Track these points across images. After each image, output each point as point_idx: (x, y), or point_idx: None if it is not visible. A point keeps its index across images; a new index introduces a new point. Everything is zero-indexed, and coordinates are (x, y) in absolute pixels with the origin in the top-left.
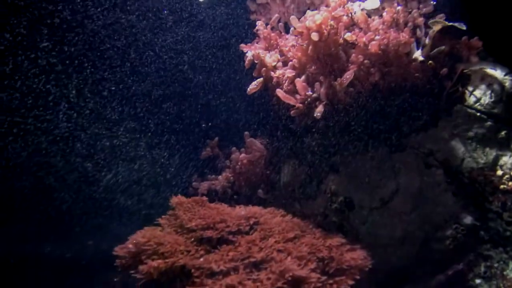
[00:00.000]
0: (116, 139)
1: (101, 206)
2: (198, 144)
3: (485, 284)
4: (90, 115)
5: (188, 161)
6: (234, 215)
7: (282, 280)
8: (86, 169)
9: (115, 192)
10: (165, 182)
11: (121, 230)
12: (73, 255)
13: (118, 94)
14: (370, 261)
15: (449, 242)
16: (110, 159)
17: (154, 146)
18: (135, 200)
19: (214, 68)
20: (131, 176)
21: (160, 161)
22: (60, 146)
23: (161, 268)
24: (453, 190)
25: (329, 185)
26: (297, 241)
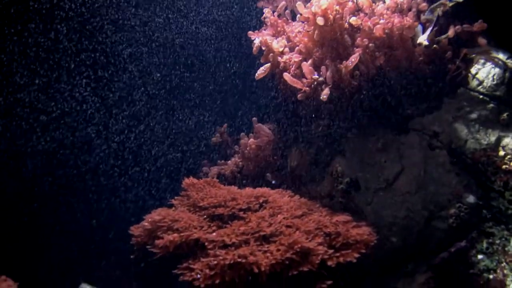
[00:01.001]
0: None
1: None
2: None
3: (487, 260)
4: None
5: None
6: (244, 194)
7: (291, 251)
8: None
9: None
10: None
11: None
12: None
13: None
14: (375, 236)
15: (452, 220)
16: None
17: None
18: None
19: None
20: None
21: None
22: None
23: (177, 242)
24: (457, 170)
25: (335, 167)
26: (305, 217)
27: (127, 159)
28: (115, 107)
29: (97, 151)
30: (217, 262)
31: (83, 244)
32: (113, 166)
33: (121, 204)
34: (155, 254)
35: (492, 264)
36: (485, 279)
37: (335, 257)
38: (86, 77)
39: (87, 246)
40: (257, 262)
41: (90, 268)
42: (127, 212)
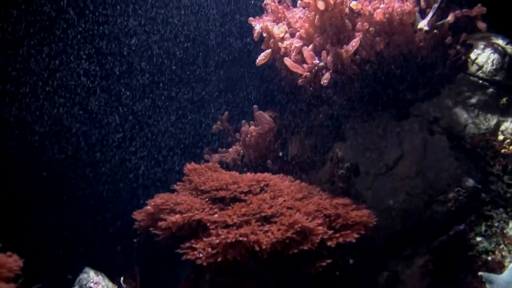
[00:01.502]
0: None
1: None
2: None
3: (486, 242)
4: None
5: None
6: (245, 178)
7: (292, 231)
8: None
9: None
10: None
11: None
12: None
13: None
14: (374, 218)
15: (451, 204)
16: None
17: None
18: None
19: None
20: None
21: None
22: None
23: (179, 223)
24: (456, 155)
25: (335, 152)
26: (305, 200)
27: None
28: (119, 81)
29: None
30: (219, 241)
31: (86, 231)
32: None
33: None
34: (158, 237)
35: (491, 246)
36: (484, 260)
37: (334, 237)
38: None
39: (91, 232)
40: (258, 241)
41: (94, 254)
42: (132, 197)
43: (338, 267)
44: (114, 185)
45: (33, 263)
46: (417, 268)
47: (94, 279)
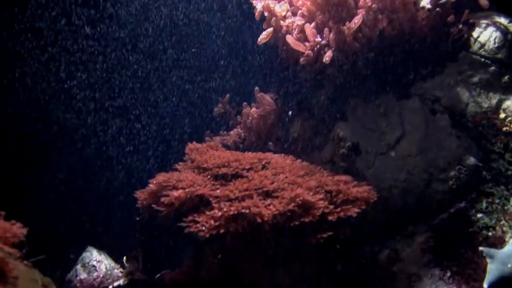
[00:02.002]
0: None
1: None
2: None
3: (486, 218)
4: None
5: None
6: (247, 156)
7: (293, 204)
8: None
9: None
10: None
11: None
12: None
13: None
14: (375, 194)
15: (452, 182)
16: None
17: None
18: None
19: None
20: None
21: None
22: None
23: (182, 198)
24: (458, 134)
25: (337, 132)
26: (306, 177)
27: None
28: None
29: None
30: (221, 213)
31: (90, 212)
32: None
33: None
34: (161, 213)
35: (491, 222)
36: (484, 236)
37: (335, 212)
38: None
39: (94, 213)
40: (260, 213)
41: (96, 236)
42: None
43: (339, 241)
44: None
45: (35, 241)
46: (418, 245)
47: (97, 258)
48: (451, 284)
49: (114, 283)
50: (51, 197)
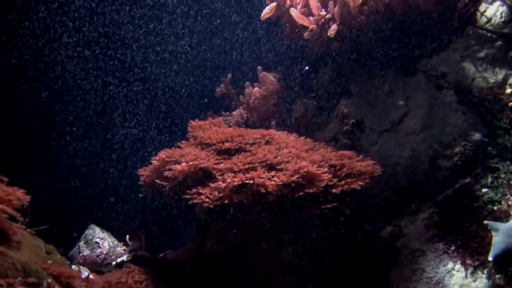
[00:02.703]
0: None
1: None
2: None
3: (492, 192)
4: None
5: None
6: (250, 132)
7: (297, 175)
8: None
9: None
10: None
11: None
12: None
13: None
14: (379, 169)
15: (457, 158)
16: None
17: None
18: None
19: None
20: None
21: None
22: None
23: (185, 171)
24: (463, 110)
25: (341, 108)
26: (310, 152)
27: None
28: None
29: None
30: (225, 185)
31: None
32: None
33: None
34: (164, 189)
35: (497, 196)
36: (489, 210)
37: (339, 185)
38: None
39: (98, 194)
40: (264, 184)
41: (99, 216)
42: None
43: (342, 214)
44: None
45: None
46: (421, 221)
47: (100, 235)
48: (455, 258)
49: (117, 259)
50: (54, 176)
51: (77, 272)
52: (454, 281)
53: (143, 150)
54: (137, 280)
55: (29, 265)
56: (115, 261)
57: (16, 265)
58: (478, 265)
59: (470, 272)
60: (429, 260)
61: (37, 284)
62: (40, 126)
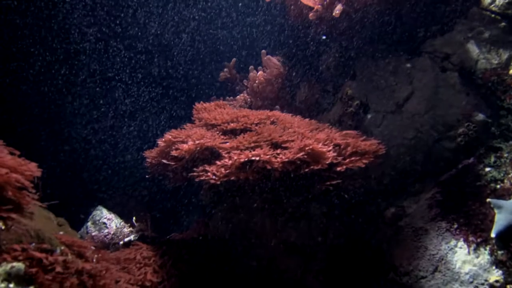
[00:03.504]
0: None
1: None
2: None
3: (495, 171)
4: None
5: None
6: (255, 113)
7: (303, 152)
8: None
9: None
10: None
11: None
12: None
13: None
14: (384, 148)
15: (460, 139)
16: None
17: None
18: None
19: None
20: None
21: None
22: None
23: (192, 150)
24: (467, 91)
25: (345, 90)
26: (315, 131)
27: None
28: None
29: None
30: (232, 162)
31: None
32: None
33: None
34: (170, 167)
35: (500, 175)
36: (492, 188)
37: (344, 163)
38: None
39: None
40: (270, 160)
41: (105, 199)
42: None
43: (346, 191)
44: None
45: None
46: (424, 201)
47: (107, 216)
48: (458, 235)
49: (124, 238)
50: (59, 159)
51: (88, 242)
52: (457, 258)
53: (150, 134)
54: (145, 256)
55: (43, 233)
56: (123, 241)
57: (30, 232)
58: (480, 242)
59: (473, 249)
60: (432, 238)
61: (50, 251)
62: (45, 110)
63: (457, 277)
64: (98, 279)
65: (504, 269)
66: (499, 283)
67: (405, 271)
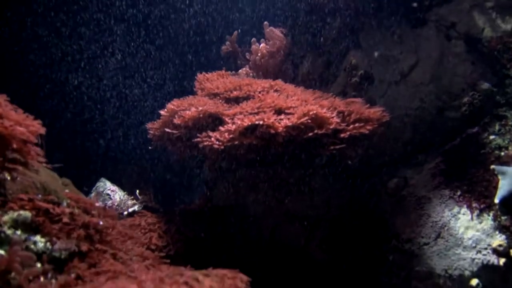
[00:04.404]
0: None
1: None
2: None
3: (499, 139)
4: None
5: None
6: (258, 82)
7: (306, 117)
8: None
9: None
10: None
11: None
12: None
13: None
14: (388, 115)
15: (465, 108)
16: None
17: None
18: None
19: None
20: None
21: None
22: None
23: (195, 117)
24: (472, 59)
25: (350, 59)
26: (319, 99)
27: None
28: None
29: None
30: (235, 127)
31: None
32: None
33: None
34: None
35: (504, 142)
36: (496, 156)
37: (348, 130)
38: None
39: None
40: (274, 125)
41: (108, 172)
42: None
43: (350, 158)
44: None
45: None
46: (428, 170)
47: (111, 187)
48: (461, 202)
49: (129, 209)
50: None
51: (94, 200)
52: (460, 224)
53: (154, 106)
54: (150, 223)
55: (49, 185)
56: (127, 211)
57: (36, 184)
58: (484, 208)
59: (476, 215)
60: (435, 206)
61: (57, 203)
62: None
63: (459, 243)
64: (105, 235)
65: (508, 233)
66: (502, 247)
67: (407, 238)
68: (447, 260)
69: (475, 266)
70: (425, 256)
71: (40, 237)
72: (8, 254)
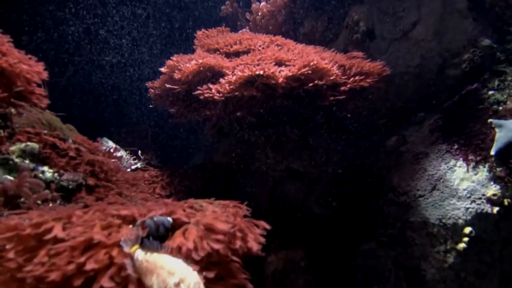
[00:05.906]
0: None
1: None
2: None
3: (498, 94)
4: None
5: None
6: (259, 36)
7: (307, 68)
8: None
9: None
10: None
11: None
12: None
13: None
14: (388, 69)
15: (465, 65)
16: None
17: None
18: None
19: None
20: None
21: None
22: None
23: (195, 70)
24: (474, 16)
25: (352, 16)
26: (320, 53)
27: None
28: None
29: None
30: (236, 78)
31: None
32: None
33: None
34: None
35: (503, 97)
36: (494, 110)
37: (348, 82)
38: None
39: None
40: (274, 75)
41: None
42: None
43: (350, 112)
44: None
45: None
46: (426, 127)
47: (113, 146)
48: (457, 155)
49: (132, 166)
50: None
51: (98, 144)
52: (456, 176)
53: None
54: (154, 175)
55: (54, 122)
56: (130, 168)
57: (42, 120)
58: (480, 160)
59: (472, 167)
60: (432, 160)
61: (63, 139)
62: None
63: (454, 193)
64: (110, 175)
65: (502, 184)
66: (496, 196)
67: (403, 191)
68: (442, 210)
69: (469, 215)
70: (420, 207)
71: (48, 168)
72: (17, 179)
